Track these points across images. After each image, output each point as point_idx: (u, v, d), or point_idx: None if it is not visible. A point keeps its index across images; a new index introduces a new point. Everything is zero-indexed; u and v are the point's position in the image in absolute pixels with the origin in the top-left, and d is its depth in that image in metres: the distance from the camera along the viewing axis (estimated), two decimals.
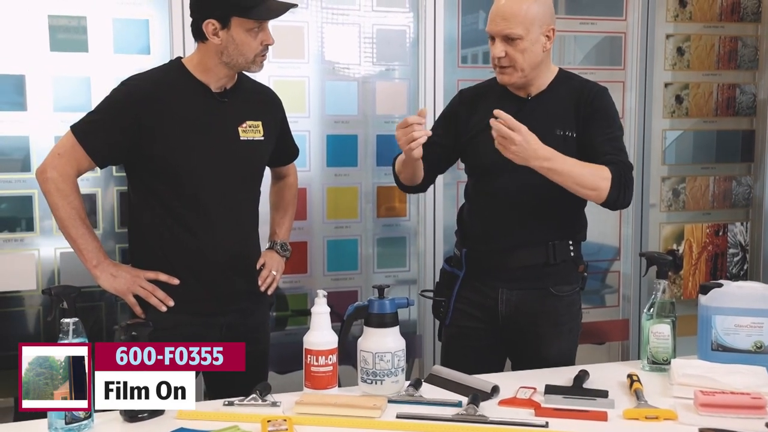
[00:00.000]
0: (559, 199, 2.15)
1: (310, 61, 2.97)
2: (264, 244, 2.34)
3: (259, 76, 2.69)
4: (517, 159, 1.99)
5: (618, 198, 2.08)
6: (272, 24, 2.11)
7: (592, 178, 2.05)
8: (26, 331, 2.74)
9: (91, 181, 2.70)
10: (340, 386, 1.92)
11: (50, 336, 1.74)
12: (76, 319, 1.64)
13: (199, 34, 2.05)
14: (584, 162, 2.08)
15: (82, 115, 2.09)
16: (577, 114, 2.18)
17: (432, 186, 3.00)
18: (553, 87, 2.23)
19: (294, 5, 2.11)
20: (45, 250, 2.70)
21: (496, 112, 1.98)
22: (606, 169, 2.07)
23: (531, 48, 2.13)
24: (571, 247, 2.23)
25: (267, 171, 2.34)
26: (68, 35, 2.69)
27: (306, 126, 2.97)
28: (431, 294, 2.37)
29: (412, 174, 2.25)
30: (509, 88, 2.22)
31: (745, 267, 3.59)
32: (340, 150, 3.04)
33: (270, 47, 2.10)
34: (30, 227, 2.69)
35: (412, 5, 3.06)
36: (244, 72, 2.15)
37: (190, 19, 2.09)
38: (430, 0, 3.02)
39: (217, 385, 2.22)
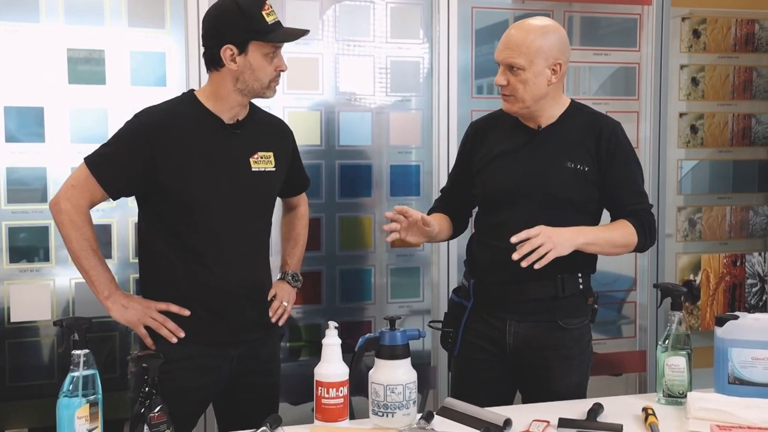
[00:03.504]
0: None
1: (325, 92, 2.99)
2: (275, 275, 2.34)
3: (274, 107, 2.74)
4: (560, 248, 2.03)
5: (645, 244, 2.20)
6: (287, 55, 2.14)
7: (622, 238, 2.16)
8: (41, 362, 2.74)
9: (106, 211, 2.72)
10: (354, 418, 1.90)
11: (63, 367, 1.74)
12: (87, 350, 1.64)
13: (214, 62, 2.07)
14: (606, 225, 2.19)
15: (98, 146, 2.11)
16: (594, 150, 2.18)
17: None
18: (565, 119, 2.22)
19: (307, 31, 2.14)
20: (60, 281, 2.72)
21: (512, 239, 2.02)
22: (628, 224, 2.16)
23: (533, 80, 2.13)
24: (580, 280, 2.22)
25: (278, 202, 2.35)
26: (86, 68, 2.73)
27: (320, 156, 2.99)
28: (439, 325, 2.36)
29: (439, 239, 2.38)
30: (520, 119, 2.23)
31: (764, 298, 3.55)
32: (354, 180, 3.05)
33: (285, 79, 2.13)
34: (46, 257, 2.72)
35: (426, 36, 3.08)
36: (257, 99, 2.16)
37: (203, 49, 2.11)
38: (443, 31, 3.05)
39: (228, 417, 2.21)
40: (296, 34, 2.12)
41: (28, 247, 2.71)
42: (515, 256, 2.01)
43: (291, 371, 2.86)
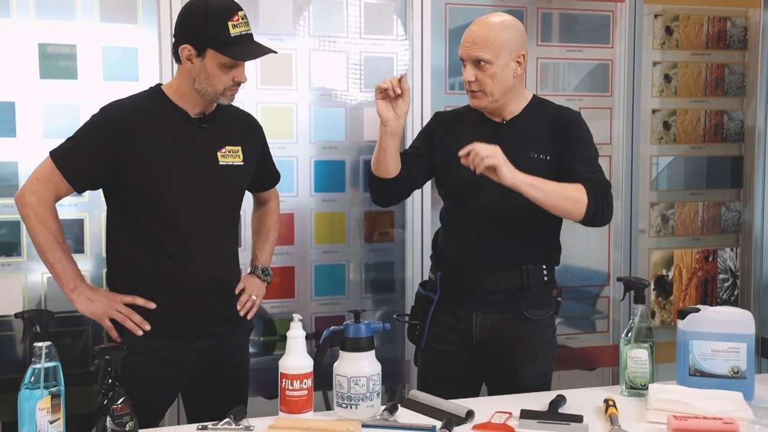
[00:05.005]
0: (532, 222, 2.17)
1: (299, 87, 3.00)
2: (245, 269, 2.35)
3: (248, 102, 2.74)
4: (503, 167, 2.00)
5: (597, 212, 2.10)
6: None
7: (567, 190, 2.09)
8: (13, 356, 2.74)
9: (79, 206, 2.72)
10: (328, 410, 1.92)
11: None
12: (49, 343, 1.64)
13: (176, 57, 2.08)
14: (560, 183, 2.12)
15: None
16: (554, 139, 2.21)
17: (420, 211, 3.05)
18: (527, 112, 2.26)
19: (273, 52, 2.10)
20: (32, 276, 2.71)
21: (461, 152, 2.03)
22: (580, 186, 2.10)
23: (500, 73, 2.16)
24: (545, 271, 2.25)
25: (248, 196, 2.36)
26: (58, 63, 2.72)
27: (294, 152, 3.00)
28: (406, 318, 2.38)
29: (387, 162, 2.21)
30: (484, 113, 2.26)
31: (735, 293, 3.59)
32: (328, 175, 3.06)
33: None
34: (18, 252, 2.71)
35: (399, 32, 3.09)
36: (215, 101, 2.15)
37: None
38: (417, 27, 3.06)
39: (196, 409, 2.22)
40: (257, 52, 2.07)
41: (0, 242, 2.70)
42: (461, 153, 2.02)
43: (265, 365, 2.86)
